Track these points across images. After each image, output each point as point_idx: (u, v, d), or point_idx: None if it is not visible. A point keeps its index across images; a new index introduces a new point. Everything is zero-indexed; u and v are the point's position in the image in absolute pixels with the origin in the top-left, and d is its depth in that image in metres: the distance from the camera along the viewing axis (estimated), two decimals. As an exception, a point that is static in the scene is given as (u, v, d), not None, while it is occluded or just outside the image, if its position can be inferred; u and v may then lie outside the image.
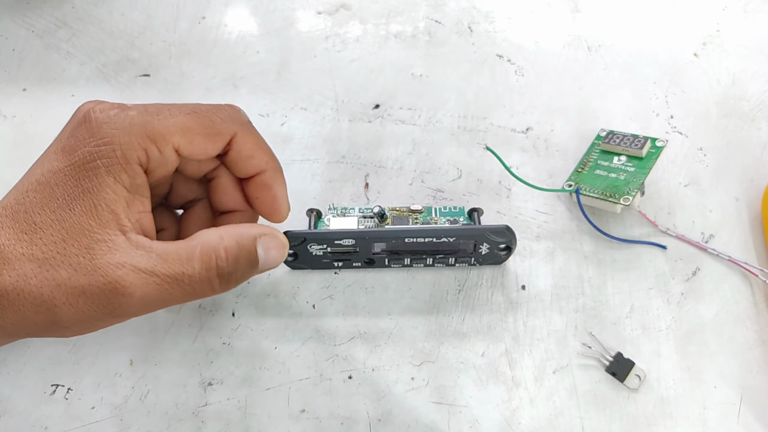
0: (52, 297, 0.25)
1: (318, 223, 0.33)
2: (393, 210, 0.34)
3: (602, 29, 0.43)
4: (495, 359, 0.33)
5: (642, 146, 0.35)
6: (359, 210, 0.34)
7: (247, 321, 0.34)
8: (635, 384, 0.32)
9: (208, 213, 0.32)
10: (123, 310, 0.26)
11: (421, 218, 0.34)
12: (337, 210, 0.34)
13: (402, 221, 0.34)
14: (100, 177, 0.25)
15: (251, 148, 0.29)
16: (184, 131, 0.27)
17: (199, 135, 0.27)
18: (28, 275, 0.25)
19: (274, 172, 0.30)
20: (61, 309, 0.25)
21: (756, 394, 0.32)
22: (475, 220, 0.33)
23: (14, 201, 0.26)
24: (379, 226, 0.33)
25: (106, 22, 0.43)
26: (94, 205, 0.25)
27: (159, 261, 0.26)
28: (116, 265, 0.25)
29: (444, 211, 0.34)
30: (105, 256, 0.25)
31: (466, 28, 0.43)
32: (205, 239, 0.27)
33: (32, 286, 0.25)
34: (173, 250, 0.26)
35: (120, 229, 0.26)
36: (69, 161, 0.26)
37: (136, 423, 0.31)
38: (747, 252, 0.35)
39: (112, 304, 0.25)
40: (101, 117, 0.26)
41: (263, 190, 0.30)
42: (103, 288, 0.25)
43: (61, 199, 0.25)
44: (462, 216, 0.34)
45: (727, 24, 0.43)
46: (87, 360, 0.33)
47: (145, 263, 0.25)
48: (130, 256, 0.25)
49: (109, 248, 0.25)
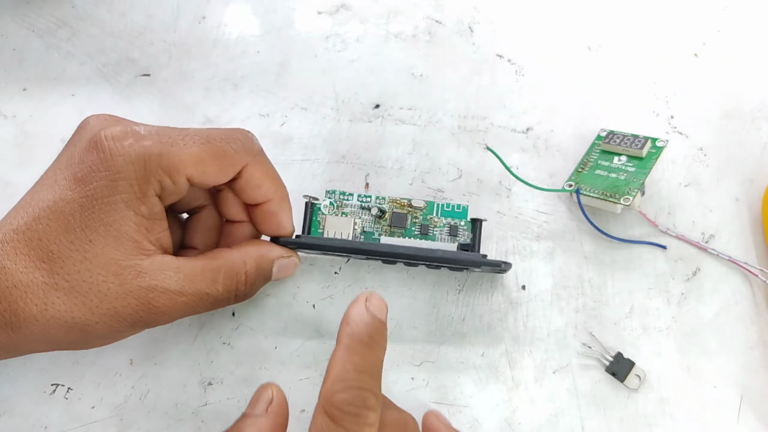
0: (84, 319, 0.26)
1: (314, 214, 0.33)
2: (393, 202, 0.33)
3: (602, 29, 0.43)
4: (495, 359, 0.33)
5: (642, 146, 0.35)
6: (357, 198, 0.33)
7: (247, 321, 0.34)
8: (635, 384, 0.32)
9: (214, 220, 0.32)
10: (152, 325, 0.28)
11: (421, 216, 0.33)
12: (335, 195, 0.33)
13: (401, 219, 0.33)
14: (121, 212, 0.26)
15: (260, 177, 0.29)
16: (197, 163, 0.27)
17: (212, 166, 0.28)
18: (55, 303, 0.25)
19: (281, 201, 0.31)
20: (94, 327, 0.26)
21: (756, 394, 0.32)
22: (476, 233, 0.33)
23: (25, 226, 0.26)
24: (378, 222, 0.33)
25: (107, 22, 0.43)
26: (116, 237, 0.26)
27: (187, 282, 0.27)
28: (148, 289, 0.26)
29: (446, 210, 0.33)
30: (135, 281, 0.26)
31: (466, 28, 0.43)
32: (229, 261, 0.29)
33: (62, 312, 0.25)
34: (200, 271, 0.28)
35: (144, 253, 0.26)
36: (84, 192, 0.26)
37: (136, 422, 0.31)
38: (747, 252, 0.35)
39: (143, 321, 0.27)
40: (115, 148, 0.26)
41: (269, 217, 0.31)
42: (137, 309, 0.26)
43: (79, 231, 0.25)
44: (464, 219, 0.33)
45: (728, 24, 0.43)
46: (87, 359, 0.33)
47: (174, 285, 0.27)
48: (159, 278, 0.27)
49: (138, 273, 0.26)
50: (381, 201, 0.33)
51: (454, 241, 0.33)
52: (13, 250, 0.25)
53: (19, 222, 0.26)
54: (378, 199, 0.33)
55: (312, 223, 0.33)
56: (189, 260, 0.28)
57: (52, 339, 0.26)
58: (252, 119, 0.40)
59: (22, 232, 0.25)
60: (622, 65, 0.41)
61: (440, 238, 0.33)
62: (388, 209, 0.33)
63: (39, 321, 0.25)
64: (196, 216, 0.32)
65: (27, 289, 0.25)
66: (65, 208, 0.25)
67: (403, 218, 0.33)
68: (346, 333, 0.23)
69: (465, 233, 0.33)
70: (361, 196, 0.33)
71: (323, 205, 0.33)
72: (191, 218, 0.32)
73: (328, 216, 0.33)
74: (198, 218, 0.32)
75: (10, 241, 0.25)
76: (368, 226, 0.33)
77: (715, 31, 0.43)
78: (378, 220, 0.33)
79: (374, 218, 0.33)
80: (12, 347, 0.26)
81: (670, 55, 0.42)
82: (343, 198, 0.33)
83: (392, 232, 0.33)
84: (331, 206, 0.33)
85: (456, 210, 0.33)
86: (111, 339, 0.28)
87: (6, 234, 0.25)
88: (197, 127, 0.39)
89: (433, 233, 0.33)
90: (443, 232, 0.33)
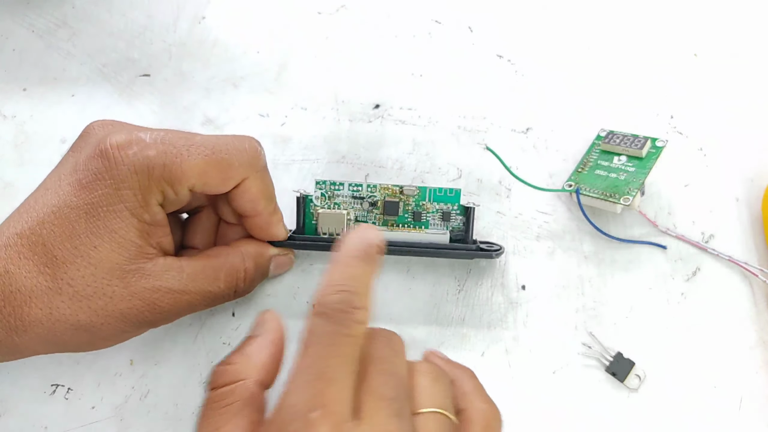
0: (90, 321, 0.26)
1: (306, 207, 0.33)
2: (384, 189, 0.33)
3: (602, 29, 0.43)
4: (495, 359, 0.33)
5: (642, 146, 0.35)
6: (349, 187, 0.33)
7: (247, 321, 0.34)
8: (635, 384, 0.32)
9: (213, 220, 0.33)
10: (156, 324, 0.28)
11: (413, 203, 0.33)
12: (326, 186, 0.33)
13: (393, 207, 0.33)
14: (125, 219, 0.26)
15: (256, 193, 0.30)
16: (200, 175, 0.27)
17: (215, 178, 0.28)
18: (59, 307, 0.26)
19: (269, 216, 0.31)
20: (99, 329, 0.27)
21: (756, 394, 0.32)
22: (469, 220, 0.33)
23: (29, 231, 0.26)
24: (371, 212, 0.33)
25: (107, 22, 0.43)
26: (120, 243, 0.26)
27: (189, 281, 0.28)
28: (152, 290, 0.27)
29: (439, 194, 0.33)
30: (139, 283, 0.27)
31: (466, 28, 0.43)
32: (229, 259, 0.30)
33: (66, 316, 0.26)
34: (201, 270, 0.29)
35: (146, 257, 0.27)
36: (88, 199, 0.26)
37: (137, 423, 0.31)
38: (747, 252, 0.35)
39: (148, 321, 0.27)
40: (119, 157, 0.26)
41: (257, 229, 0.31)
42: (142, 309, 0.27)
43: (84, 237, 0.26)
44: (456, 203, 0.33)
45: (728, 24, 0.43)
46: (87, 360, 0.33)
47: (177, 285, 0.28)
48: (163, 279, 0.27)
49: (142, 275, 0.27)
50: (372, 189, 0.33)
51: (447, 227, 0.33)
52: (17, 254, 0.25)
53: (22, 226, 0.26)
54: (369, 188, 0.33)
55: (306, 215, 0.33)
56: (190, 260, 0.29)
57: (58, 341, 0.26)
58: (252, 119, 0.40)
59: (26, 237, 0.26)
60: (621, 65, 0.42)
61: (433, 223, 0.33)
62: (380, 197, 0.33)
63: (44, 324, 0.25)
64: (196, 216, 0.32)
65: (31, 293, 0.25)
66: (70, 214, 0.26)
67: (396, 206, 0.33)
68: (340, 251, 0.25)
69: (458, 218, 0.33)
70: (353, 185, 0.33)
71: (314, 197, 0.33)
72: (191, 219, 0.33)
73: (320, 209, 0.33)
74: (197, 219, 0.32)
75: (14, 245, 0.25)
76: (362, 216, 0.34)
77: (715, 31, 0.43)
78: (371, 208, 0.33)
79: (367, 207, 0.33)
80: (17, 350, 0.26)
81: (670, 55, 0.42)
82: (334, 188, 0.33)
83: (385, 220, 0.33)
84: (322, 197, 0.33)
85: (449, 194, 0.33)
86: (116, 340, 0.28)
87: (9, 238, 0.26)
88: (197, 127, 0.39)
89: (426, 219, 0.33)
90: (435, 217, 0.33)
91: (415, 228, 0.33)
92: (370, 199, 0.33)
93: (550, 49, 0.42)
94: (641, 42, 0.42)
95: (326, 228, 0.33)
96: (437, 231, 0.33)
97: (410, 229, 0.33)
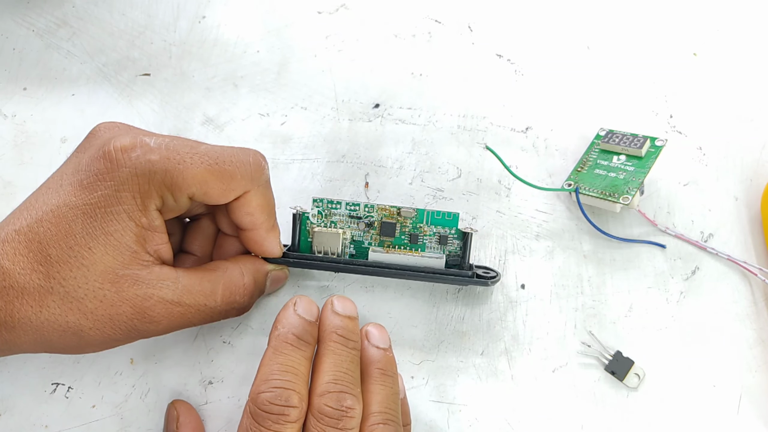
0: (78, 323, 0.26)
1: (302, 224, 0.33)
2: (382, 210, 0.33)
3: (602, 29, 0.43)
4: (494, 358, 0.33)
5: (641, 145, 0.35)
6: (346, 206, 0.33)
7: (247, 320, 0.34)
8: (634, 383, 0.32)
9: (212, 229, 0.33)
10: (148, 334, 0.28)
11: (411, 225, 0.33)
12: (323, 204, 0.33)
13: (390, 228, 0.33)
14: (123, 222, 0.26)
15: (255, 207, 0.29)
16: (200, 184, 0.27)
17: (215, 189, 0.28)
18: (49, 306, 0.25)
19: (266, 232, 0.31)
20: (88, 333, 0.26)
21: (756, 394, 0.32)
22: (466, 245, 0.32)
23: (27, 228, 0.26)
24: (367, 232, 0.33)
25: (107, 22, 0.43)
26: (116, 246, 0.26)
27: (185, 293, 0.27)
28: (144, 297, 0.26)
29: (437, 218, 0.32)
30: (131, 289, 0.26)
31: (466, 28, 0.43)
32: (228, 273, 0.29)
33: (56, 316, 0.26)
34: (197, 283, 0.28)
35: (141, 263, 0.27)
36: (87, 200, 0.26)
37: (137, 421, 0.31)
38: (746, 251, 0.35)
39: (138, 330, 0.27)
40: (122, 159, 0.26)
41: (252, 243, 0.31)
42: (132, 317, 0.27)
43: (79, 237, 0.26)
44: (454, 227, 0.32)
45: (727, 24, 0.43)
46: (87, 358, 0.33)
47: (171, 295, 0.27)
48: (157, 288, 0.27)
49: (135, 281, 0.26)
50: (369, 209, 0.33)
51: (443, 251, 0.33)
52: (13, 250, 0.25)
53: (21, 223, 0.26)
54: (366, 208, 0.33)
55: (302, 233, 0.33)
56: (187, 272, 0.28)
57: (45, 341, 0.26)
58: (252, 119, 0.40)
59: (24, 233, 0.26)
60: (621, 64, 0.42)
61: (429, 246, 0.33)
62: (377, 218, 0.33)
63: (33, 323, 0.25)
64: (195, 223, 0.32)
65: (23, 290, 0.25)
66: (68, 213, 0.26)
67: (392, 228, 0.33)
68: (273, 336, 0.25)
69: (455, 242, 0.32)
70: (350, 205, 0.33)
71: (311, 215, 0.33)
72: (191, 225, 0.33)
73: (316, 228, 0.33)
74: (197, 226, 0.32)
75: (11, 242, 0.25)
76: (358, 235, 0.33)
77: (715, 30, 0.43)
78: (368, 228, 0.33)
79: (363, 228, 0.33)
80: (6, 346, 0.26)
81: (670, 55, 0.42)
82: (331, 207, 0.33)
83: (381, 241, 0.33)
84: (319, 215, 0.33)
85: (447, 218, 0.33)
86: (105, 346, 0.28)
87: (8, 234, 0.26)
88: (198, 126, 0.39)
89: (423, 242, 0.33)
90: (432, 240, 0.33)
91: (412, 250, 0.33)
92: (367, 219, 0.33)
93: (549, 49, 0.42)
94: (641, 41, 0.42)
95: (321, 247, 0.32)
96: (433, 254, 0.33)
97: (406, 251, 0.33)
